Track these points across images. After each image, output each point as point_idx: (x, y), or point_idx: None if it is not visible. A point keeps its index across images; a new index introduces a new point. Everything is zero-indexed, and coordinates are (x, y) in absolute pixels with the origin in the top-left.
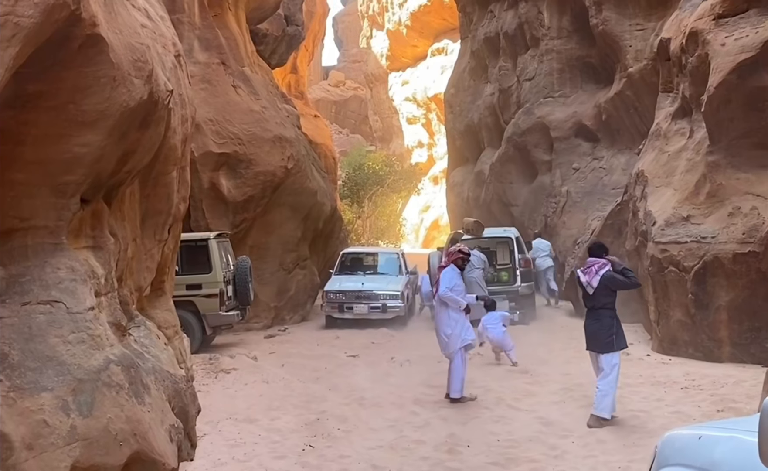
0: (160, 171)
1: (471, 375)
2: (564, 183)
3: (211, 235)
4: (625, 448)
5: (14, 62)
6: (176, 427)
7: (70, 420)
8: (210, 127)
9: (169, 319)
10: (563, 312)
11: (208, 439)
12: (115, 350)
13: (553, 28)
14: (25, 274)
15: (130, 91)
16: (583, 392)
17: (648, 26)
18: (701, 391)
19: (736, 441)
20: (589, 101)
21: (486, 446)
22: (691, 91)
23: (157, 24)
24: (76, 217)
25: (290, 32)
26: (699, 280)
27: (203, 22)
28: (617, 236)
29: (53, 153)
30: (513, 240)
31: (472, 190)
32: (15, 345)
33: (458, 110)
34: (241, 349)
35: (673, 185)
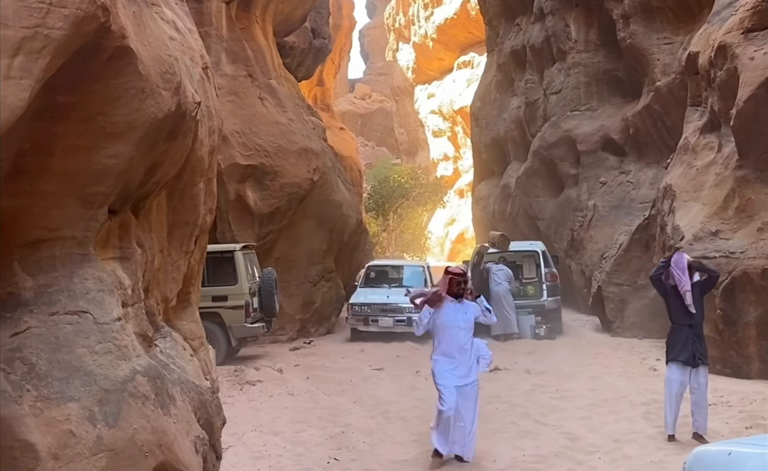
0: (187, 182)
1: (496, 390)
2: (591, 197)
3: (237, 247)
4: (652, 464)
5: (44, 74)
6: (202, 438)
7: (96, 430)
8: (237, 138)
9: (195, 331)
10: (590, 327)
11: (234, 451)
12: (141, 361)
13: (580, 41)
14: (53, 285)
15: (158, 102)
16: (610, 408)
17: (676, 40)
18: (730, 408)
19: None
20: (617, 115)
21: (512, 461)
22: (720, 105)
23: (185, 36)
24: (103, 228)
25: (317, 45)
26: (727, 296)
27: (231, 35)
28: (645, 251)
29: (82, 164)
30: (539, 254)
31: (498, 204)
32: (42, 355)
33: (484, 123)
34: (266, 361)
35: (702, 200)
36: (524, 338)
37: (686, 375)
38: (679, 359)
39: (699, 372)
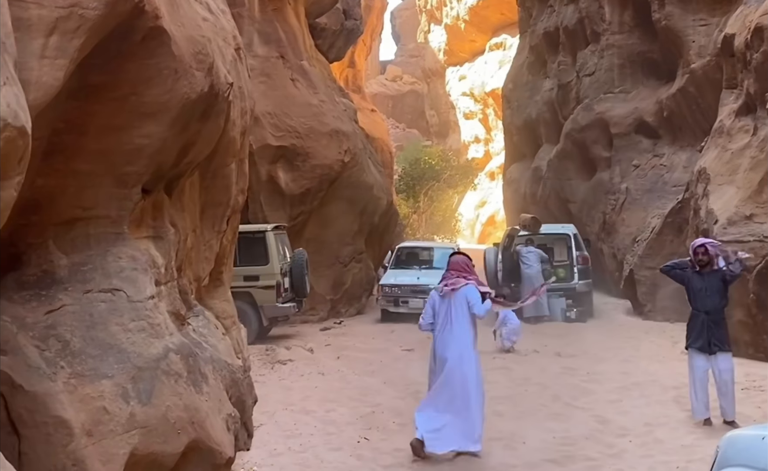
0: (220, 163)
1: (527, 372)
2: (623, 180)
3: (268, 228)
4: (683, 448)
5: (78, 54)
6: (233, 416)
7: (129, 407)
8: (268, 120)
9: (227, 310)
10: (621, 310)
11: (265, 429)
12: (174, 339)
13: (614, 22)
14: (87, 263)
15: (191, 83)
16: (641, 392)
17: (712, 21)
18: (762, 392)
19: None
20: (650, 97)
21: (542, 443)
22: (756, 87)
23: (217, 17)
24: (137, 207)
25: (348, 26)
26: (761, 280)
27: (263, 16)
28: (677, 234)
29: (116, 144)
30: (571, 237)
31: (529, 186)
32: (77, 332)
33: (516, 105)
34: (297, 341)
35: (736, 183)
36: (555, 321)
37: (707, 361)
38: (694, 346)
39: (718, 358)
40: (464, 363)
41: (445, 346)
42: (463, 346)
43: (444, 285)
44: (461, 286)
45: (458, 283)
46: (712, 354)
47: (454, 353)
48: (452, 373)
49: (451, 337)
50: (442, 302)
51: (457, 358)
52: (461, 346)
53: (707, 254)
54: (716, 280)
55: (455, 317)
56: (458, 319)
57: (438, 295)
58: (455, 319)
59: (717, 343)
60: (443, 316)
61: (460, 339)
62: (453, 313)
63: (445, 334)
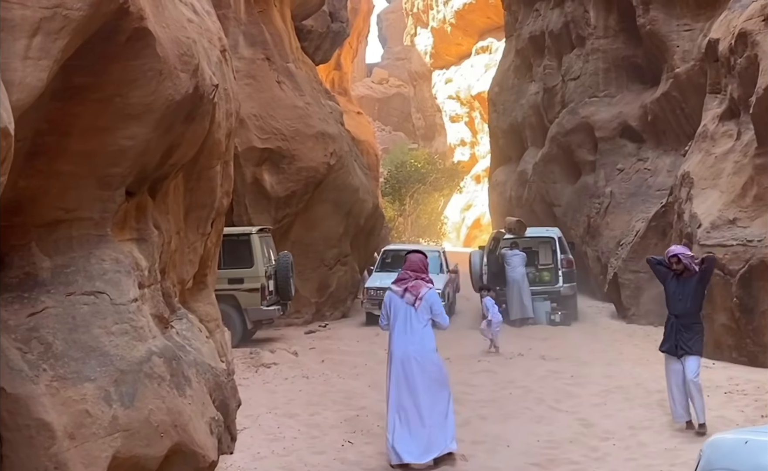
0: (204, 165)
1: (511, 375)
2: (608, 184)
3: (253, 230)
4: (667, 451)
5: (62, 55)
6: (217, 419)
7: (111, 410)
8: (254, 122)
9: (211, 313)
10: (606, 314)
11: (248, 432)
12: (157, 342)
13: (599, 27)
14: (70, 265)
15: (176, 84)
16: (625, 395)
17: (696, 26)
18: (745, 396)
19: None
20: (635, 101)
21: (526, 446)
22: (740, 92)
23: (203, 19)
24: (121, 209)
25: (335, 29)
26: (744, 284)
27: (249, 18)
28: (661, 238)
29: (99, 145)
30: (555, 240)
31: (515, 190)
32: (59, 335)
33: (502, 109)
34: (281, 344)
35: (720, 187)
36: (539, 324)
37: (679, 364)
38: (663, 348)
39: (686, 362)
40: (426, 368)
41: (405, 351)
42: (425, 351)
43: (404, 289)
44: (424, 293)
45: (420, 289)
46: (680, 357)
47: (416, 358)
48: (414, 380)
49: (411, 342)
50: (400, 303)
51: (419, 364)
52: (423, 351)
53: (680, 263)
54: (690, 285)
55: (416, 321)
56: (419, 324)
57: (397, 297)
58: (416, 323)
59: (684, 347)
60: (402, 318)
61: (422, 343)
62: (414, 317)
63: (406, 337)
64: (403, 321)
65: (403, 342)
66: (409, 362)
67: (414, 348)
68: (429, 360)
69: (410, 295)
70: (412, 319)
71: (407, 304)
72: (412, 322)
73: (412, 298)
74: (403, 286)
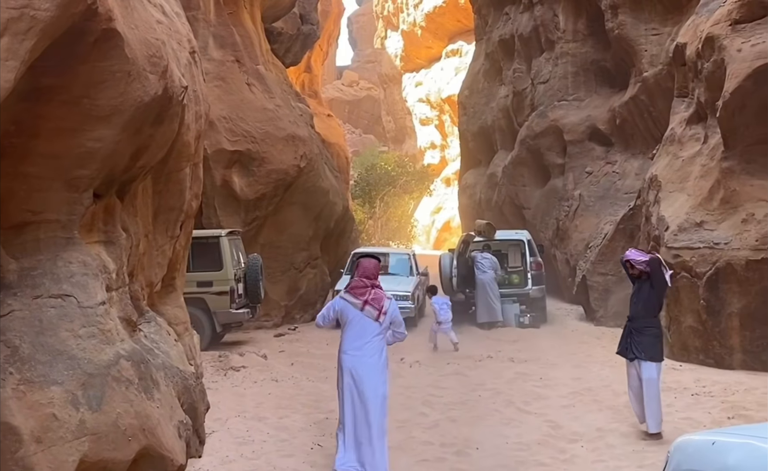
0: (173, 167)
1: (480, 378)
2: (577, 187)
3: (222, 233)
4: (635, 453)
5: (30, 55)
6: (185, 423)
7: (79, 414)
8: (223, 124)
9: (180, 316)
10: (574, 316)
11: (217, 436)
12: (125, 345)
13: (568, 31)
14: (37, 268)
15: (144, 86)
16: (593, 397)
17: (664, 31)
18: (712, 398)
19: (750, 447)
20: (604, 105)
21: (495, 449)
22: (707, 96)
23: (172, 20)
24: (88, 212)
25: (305, 31)
26: (711, 287)
27: (218, 20)
28: (629, 241)
29: (67, 147)
30: (525, 243)
31: (485, 193)
32: (26, 338)
33: (472, 112)
34: (250, 347)
35: (687, 191)
36: (509, 327)
37: (633, 368)
38: (618, 350)
39: (641, 367)
40: (379, 389)
41: (361, 365)
42: (381, 370)
43: (364, 302)
44: (387, 306)
45: (382, 301)
46: (632, 361)
47: (372, 374)
48: (367, 396)
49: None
50: (357, 315)
51: (373, 382)
52: (379, 370)
53: (634, 268)
54: (645, 289)
55: (373, 335)
56: (377, 337)
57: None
58: (373, 337)
59: (635, 351)
60: (357, 330)
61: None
62: (371, 330)
63: (362, 352)
64: (360, 334)
65: (359, 355)
66: (364, 378)
67: (372, 361)
68: (383, 380)
69: (372, 309)
70: (369, 332)
71: (367, 318)
72: (369, 336)
73: (375, 313)
74: (362, 298)
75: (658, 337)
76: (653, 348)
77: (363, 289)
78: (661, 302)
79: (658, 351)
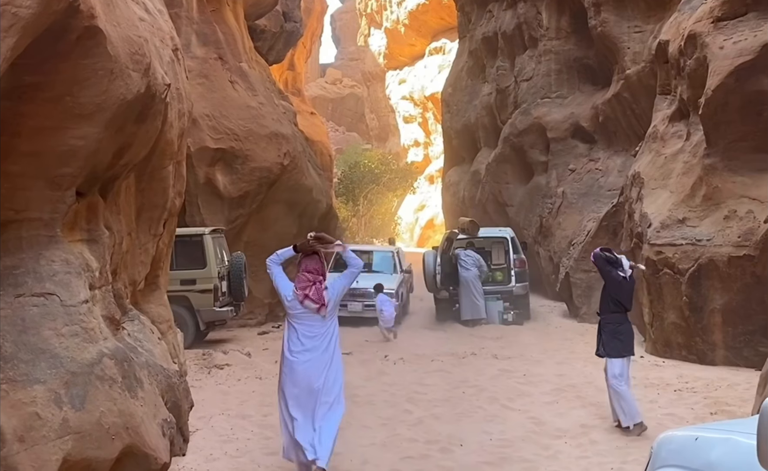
0: (156, 165)
1: (464, 374)
2: (560, 184)
3: (206, 231)
4: (618, 449)
5: (11, 53)
6: (169, 421)
7: (62, 413)
8: (206, 122)
9: (163, 314)
10: (558, 313)
11: (201, 434)
12: (108, 344)
13: (551, 28)
14: (19, 266)
15: (127, 84)
16: (577, 393)
17: (646, 28)
18: (695, 394)
19: (732, 443)
20: (587, 102)
21: (479, 445)
22: (689, 93)
23: (155, 17)
24: (71, 210)
25: (288, 29)
26: (694, 283)
27: (201, 17)
28: (612, 238)
29: (49, 145)
30: (508, 240)
31: (468, 190)
32: (8, 337)
33: (455, 109)
34: (234, 345)
35: (669, 187)
36: (492, 324)
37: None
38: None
39: (607, 364)
40: (326, 387)
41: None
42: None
43: (305, 295)
44: (327, 296)
45: (321, 293)
46: (602, 357)
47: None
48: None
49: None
50: (298, 307)
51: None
52: (322, 366)
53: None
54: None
55: (320, 328)
56: (321, 331)
57: (297, 302)
58: (321, 331)
59: (599, 349)
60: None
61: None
62: (318, 324)
63: (306, 350)
64: (303, 332)
65: (300, 358)
66: (304, 375)
67: (315, 356)
68: (328, 375)
69: (312, 303)
70: (313, 328)
71: (308, 312)
72: (313, 331)
73: (315, 306)
74: (302, 291)
75: (614, 334)
76: (609, 345)
77: (305, 284)
78: (611, 298)
79: (613, 347)
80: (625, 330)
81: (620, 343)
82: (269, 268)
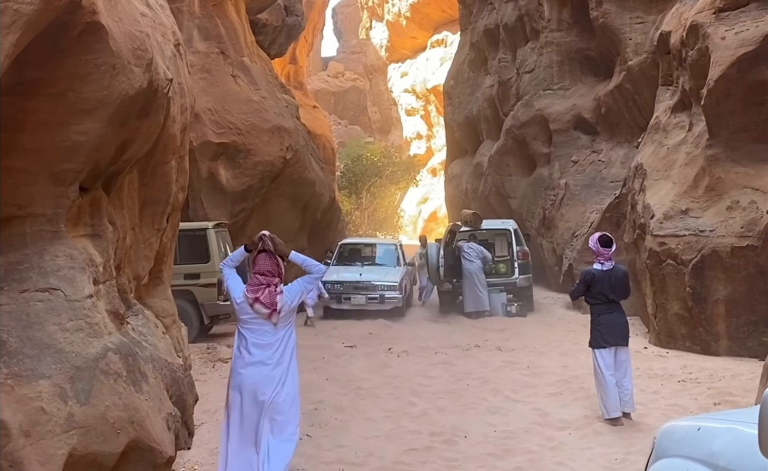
0: (159, 160)
1: (468, 367)
2: (562, 176)
3: (209, 225)
4: (622, 440)
5: (14, 49)
6: (174, 415)
7: (67, 407)
8: (209, 116)
9: (167, 308)
10: (561, 304)
11: (206, 427)
12: (113, 338)
13: (553, 20)
14: (24, 262)
15: (129, 79)
16: (580, 384)
17: (648, 19)
18: (698, 384)
19: (735, 432)
20: (589, 94)
21: (483, 437)
22: (691, 84)
23: (156, 13)
24: (74, 205)
25: (290, 22)
26: (697, 274)
27: (203, 12)
28: (615, 229)
29: (52, 141)
30: (511, 232)
31: (471, 182)
32: (13, 332)
33: (457, 102)
34: None
35: (672, 178)
36: (496, 316)
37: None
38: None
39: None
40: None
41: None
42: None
43: (255, 299)
44: (279, 302)
45: (274, 297)
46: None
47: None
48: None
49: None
50: (248, 312)
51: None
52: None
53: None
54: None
55: (272, 337)
56: (273, 340)
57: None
58: (268, 340)
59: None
60: (250, 334)
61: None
62: (269, 333)
63: (255, 362)
64: (253, 341)
65: (249, 368)
66: (258, 396)
67: (265, 371)
68: (282, 396)
69: (262, 307)
70: (265, 336)
71: (258, 318)
72: (264, 340)
73: (266, 311)
74: (253, 295)
75: (594, 324)
76: (591, 335)
77: (257, 287)
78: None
79: (593, 338)
80: (606, 320)
81: (598, 334)
82: (221, 270)
